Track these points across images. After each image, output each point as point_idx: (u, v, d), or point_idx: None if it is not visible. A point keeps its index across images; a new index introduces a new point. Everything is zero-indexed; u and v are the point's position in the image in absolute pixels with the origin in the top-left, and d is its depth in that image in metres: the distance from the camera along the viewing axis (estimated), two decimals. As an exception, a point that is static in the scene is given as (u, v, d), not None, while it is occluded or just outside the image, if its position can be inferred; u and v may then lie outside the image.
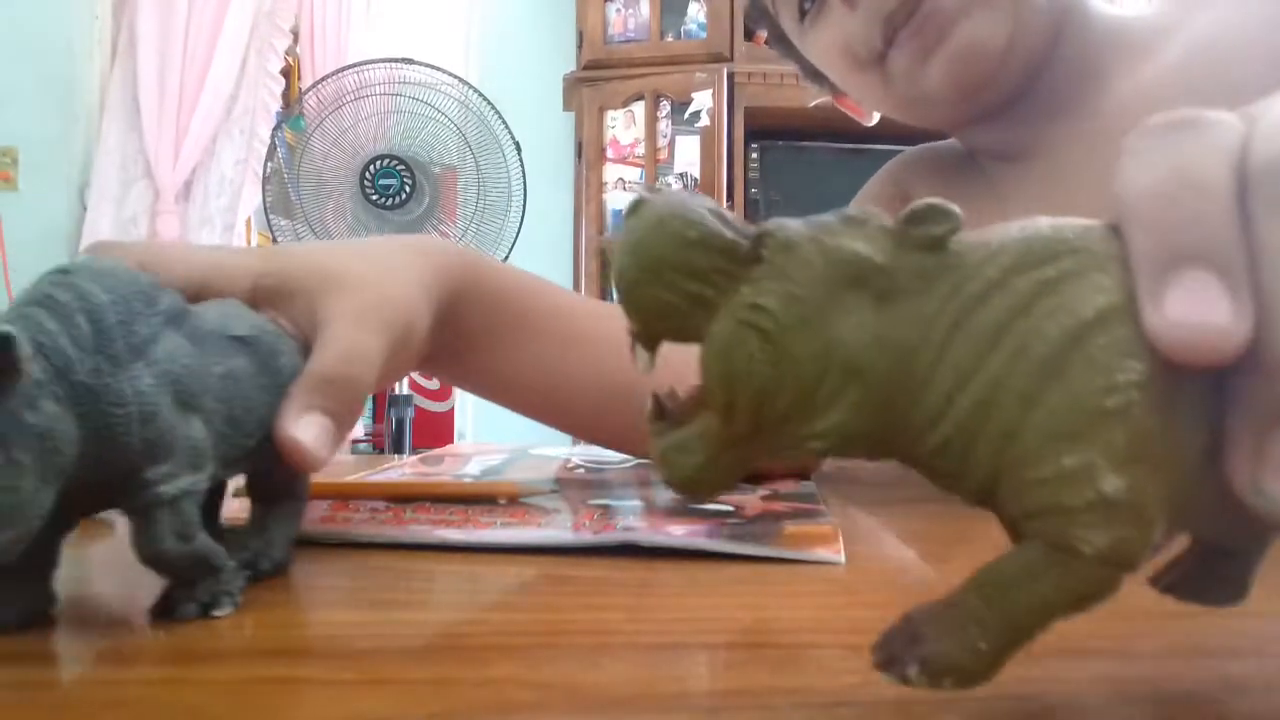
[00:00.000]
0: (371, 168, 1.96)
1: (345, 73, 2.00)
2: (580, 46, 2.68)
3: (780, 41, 0.76)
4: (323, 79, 2.05)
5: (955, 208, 0.18)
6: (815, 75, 0.76)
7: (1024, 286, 0.17)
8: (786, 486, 0.51)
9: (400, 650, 0.26)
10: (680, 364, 0.23)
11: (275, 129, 2.27)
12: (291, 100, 2.57)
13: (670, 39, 2.64)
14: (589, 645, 0.25)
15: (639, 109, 2.63)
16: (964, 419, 0.17)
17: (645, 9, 2.66)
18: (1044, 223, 0.18)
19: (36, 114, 2.56)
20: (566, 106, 2.78)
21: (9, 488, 0.23)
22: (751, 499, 0.47)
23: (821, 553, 0.35)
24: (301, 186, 1.97)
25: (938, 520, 0.45)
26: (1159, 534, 0.17)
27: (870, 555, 0.37)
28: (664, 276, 0.19)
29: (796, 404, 0.18)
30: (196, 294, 0.34)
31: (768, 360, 0.18)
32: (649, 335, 0.20)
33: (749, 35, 2.57)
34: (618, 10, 2.68)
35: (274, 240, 2.18)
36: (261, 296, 0.37)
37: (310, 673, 0.23)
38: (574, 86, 2.70)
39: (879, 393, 0.18)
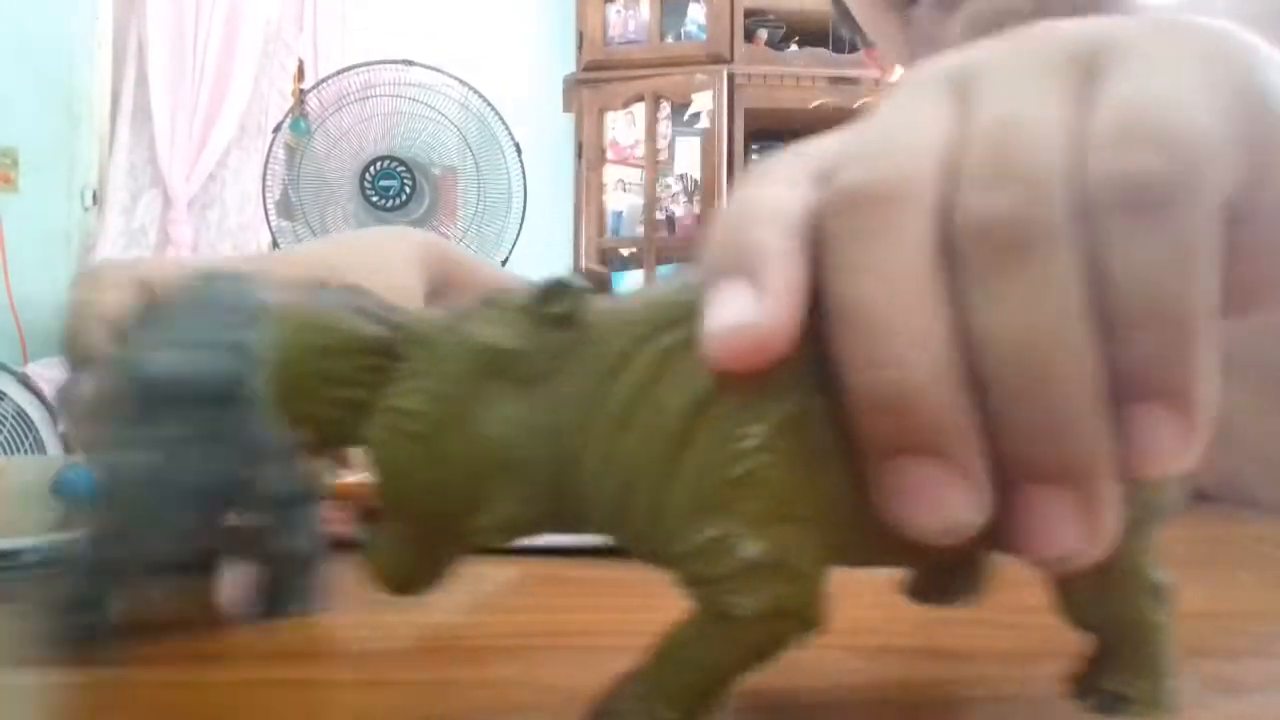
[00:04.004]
0: (372, 169, 1.96)
1: (346, 74, 2.00)
2: (580, 48, 2.68)
3: None
4: (324, 80, 2.05)
5: (579, 280, 0.18)
6: (847, 15, 0.76)
7: (648, 359, 0.17)
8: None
9: (400, 650, 0.26)
10: None
11: (276, 129, 2.27)
12: (293, 102, 2.57)
13: (670, 40, 2.64)
14: (588, 646, 0.25)
15: (639, 110, 2.63)
16: (612, 502, 0.17)
17: (645, 10, 2.66)
18: (669, 286, 0.18)
19: (37, 115, 2.56)
20: (566, 108, 2.78)
21: None
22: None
23: (821, 554, 0.35)
24: (302, 188, 1.97)
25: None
26: (823, 579, 0.17)
27: (870, 556, 0.37)
28: (312, 392, 0.19)
29: (463, 501, 0.18)
30: None
31: (424, 463, 0.18)
32: (319, 445, 0.20)
33: (749, 36, 2.57)
34: (618, 12, 2.68)
35: (275, 242, 2.18)
36: None
37: (310, 673, 0.23)
38: (574, 88, 2.70)
39: (541, 481, 0.18)
